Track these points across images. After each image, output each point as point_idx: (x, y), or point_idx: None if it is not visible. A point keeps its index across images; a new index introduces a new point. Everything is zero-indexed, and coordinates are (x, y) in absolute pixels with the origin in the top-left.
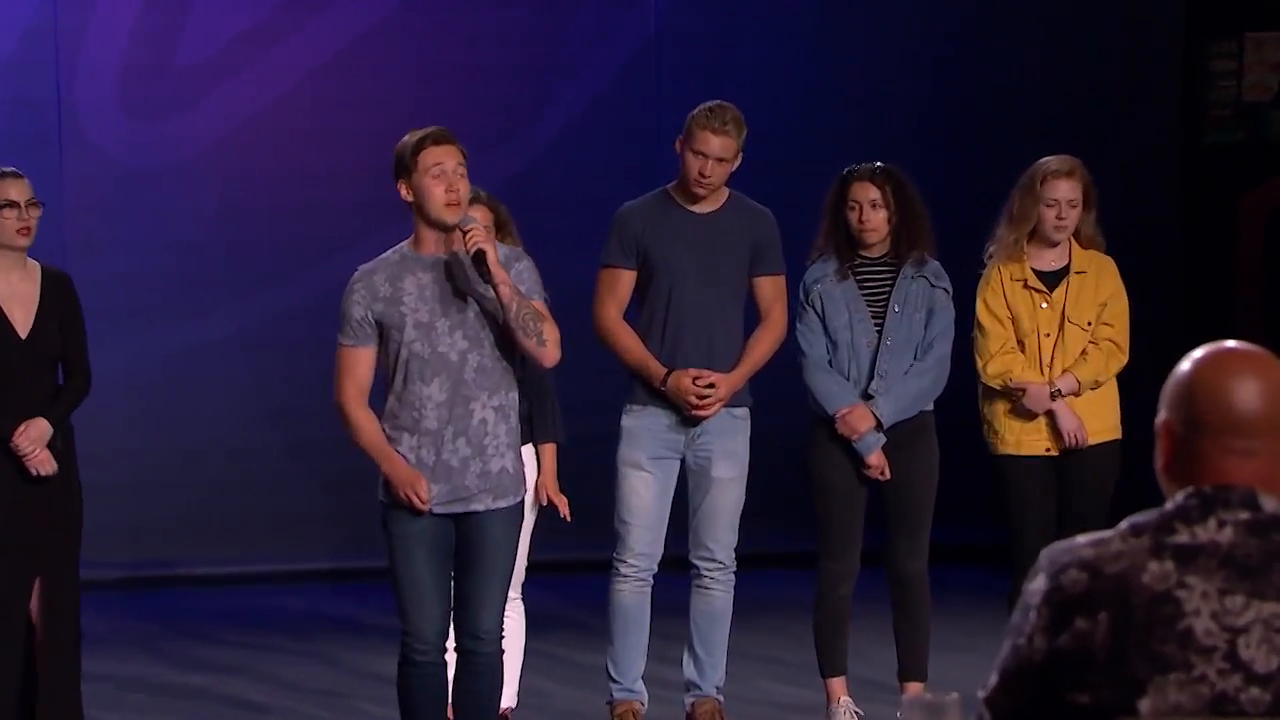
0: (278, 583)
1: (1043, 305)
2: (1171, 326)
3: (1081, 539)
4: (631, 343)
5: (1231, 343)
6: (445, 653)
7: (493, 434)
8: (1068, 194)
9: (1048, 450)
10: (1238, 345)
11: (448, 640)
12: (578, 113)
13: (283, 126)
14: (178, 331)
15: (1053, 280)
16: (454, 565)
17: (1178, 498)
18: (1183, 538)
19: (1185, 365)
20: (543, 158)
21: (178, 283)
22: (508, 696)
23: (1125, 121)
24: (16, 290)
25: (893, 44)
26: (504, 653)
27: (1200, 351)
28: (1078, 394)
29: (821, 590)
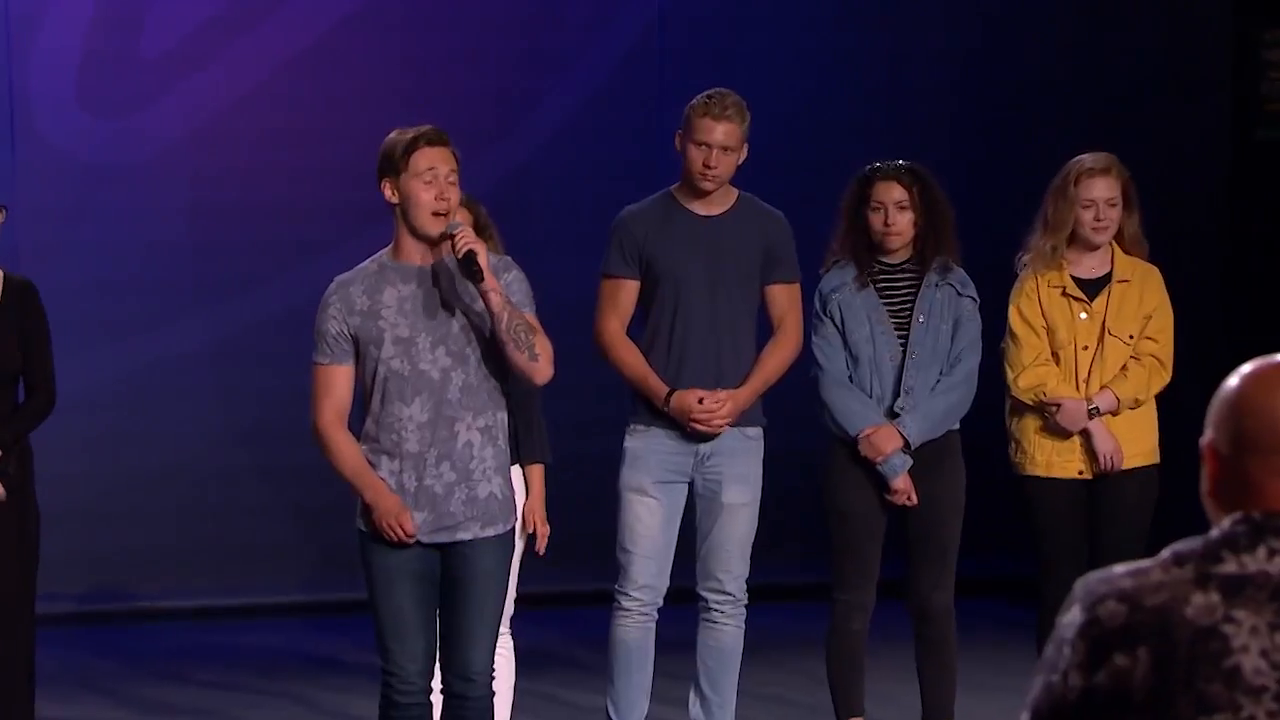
0: (248, 617)
1: (1082, 315)
2: (1216, 339)
3: (1120, 568)
4: (632, 358)
5: None
6: (430, 693)
7: (479, 457)
8: (1105, 193)
9: (1080, 473)
10: None
11: (433, 679)
12: (573, 106)
13: (255, 121)
14: (140, 344)
15: (1093, 289)
16: (440, 599)
17: (1224, 524)
18: (1230, 568)
19: (1232, 381)
20: (535, 156)
21: (140, 291)
22: None
23: (1169, 117)
24: None
25: (916, 32)
26: (494, 694)
27: (1249, 366)
28: (1116, 413)
29: (834, 625)
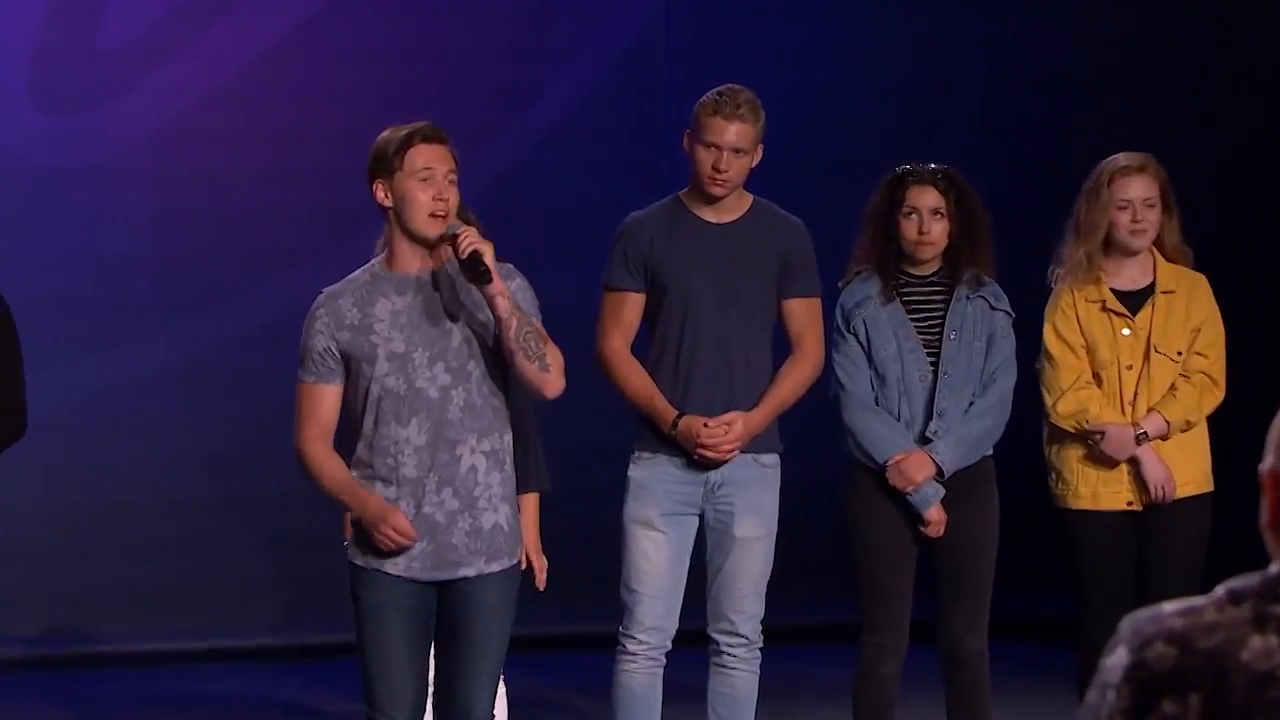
0: (218, 661)
1: (1124, 331)
2: (1275, 354)
3: (1169, 606)
4: (637, 378)
5: None
6: None
7: (484, 484)
8: (1142, 192)
9: (1129, 504)
10: None
11: None
12: (574, 103)
13: (225, 120)
14: (100, 364)
15: (1135, 302)
16: (436, 639)
17: None
18: None
19: None
20: (532, 157)
21: (100, 305)
22: None
23: (1218, 114)
24: None
25: (945, 24)
26: None
27: None
28: (1166, 437)
29: (863, 669)
